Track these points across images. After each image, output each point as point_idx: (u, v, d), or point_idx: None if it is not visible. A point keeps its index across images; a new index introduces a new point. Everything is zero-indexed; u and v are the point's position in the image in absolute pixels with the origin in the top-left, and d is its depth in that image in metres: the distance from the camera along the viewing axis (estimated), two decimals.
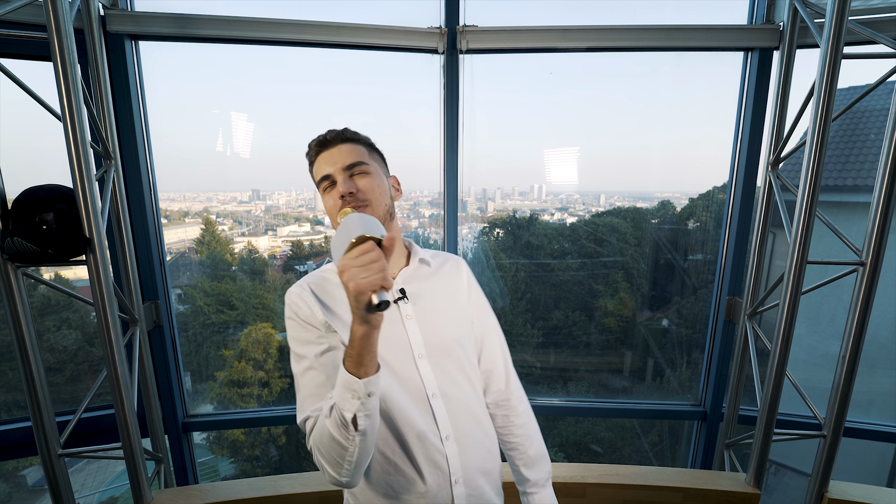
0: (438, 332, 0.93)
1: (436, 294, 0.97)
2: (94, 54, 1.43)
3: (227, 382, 2.69)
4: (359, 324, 0.68)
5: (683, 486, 1.63)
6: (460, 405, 0.93)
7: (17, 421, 1.77)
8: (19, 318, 1.26)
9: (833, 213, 2.61)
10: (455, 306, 1.00)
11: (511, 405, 1.06)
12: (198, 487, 1.62)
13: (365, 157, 0.91)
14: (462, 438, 0.91)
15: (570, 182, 2.46)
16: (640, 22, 1.67)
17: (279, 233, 2.84)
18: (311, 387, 0.82)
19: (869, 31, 1.39)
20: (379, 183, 0.91)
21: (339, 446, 0.73)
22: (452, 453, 0.89)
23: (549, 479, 1.07)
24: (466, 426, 0.93)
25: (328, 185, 0.89)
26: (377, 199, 0.89)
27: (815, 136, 1.32)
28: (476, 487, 0.93)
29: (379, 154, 0.98)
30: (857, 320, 1.43)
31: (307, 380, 0.83)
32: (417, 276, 0.97)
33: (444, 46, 1.69)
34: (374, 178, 0.90)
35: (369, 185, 0.89)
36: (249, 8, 1.61)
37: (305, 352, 0.84)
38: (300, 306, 0.87)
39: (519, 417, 1.06)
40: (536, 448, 1.07)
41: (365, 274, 0.65)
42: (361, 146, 0.93)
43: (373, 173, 0.90)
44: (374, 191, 0.89)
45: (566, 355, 2.78)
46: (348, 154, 0.89)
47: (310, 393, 0.82)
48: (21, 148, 1.59)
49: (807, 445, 1.62)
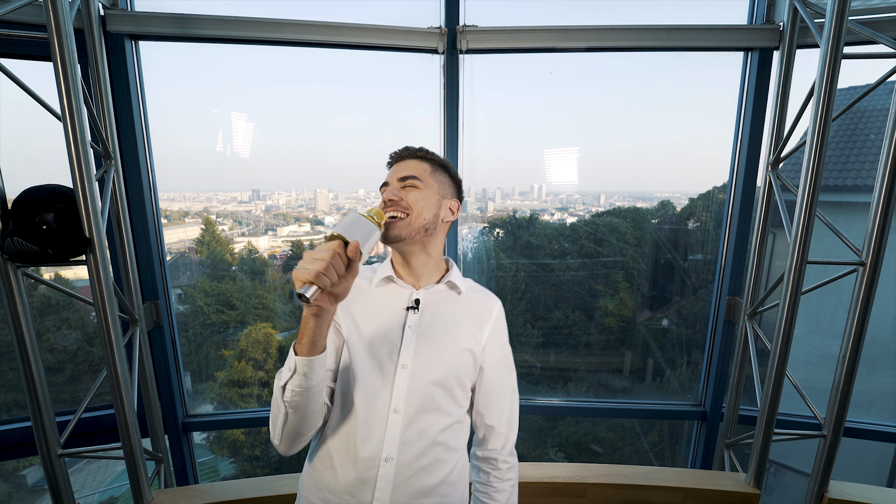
0: (433, 354, 0.90)
1: (450, 319, 0.94)
2: (94, 54, 1.43)
3: (227, 382, 2.69)
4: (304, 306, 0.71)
5: (683, 486, 1.63)
6: (420, 433, 0.87)
7: (17, 421, 1.76)
8: (19, 318, 1.26)
9: (833, 213, 2.61)
10: (463, 340, 0.94)
11: (499, 468, 0.99)
12: (198, 487, 1.62)
13: (425, 173, 0.95)
14: (404, 468, 0.86)
15: (570, 182, 2.46)
16: (640, 22, 1.67)
17: (279, 233, 2.84)
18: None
19: (869, 31, 1.39)
20: (426, 197, 0.93)
21: (276, 407, 0.79)
22: (385, 477, 0.85)
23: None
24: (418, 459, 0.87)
25: (384, 191, 0.94)
26: (417, 213, 0.91)
27: (815, 136, 1.32)
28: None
29: (450, 177, 1.00)
30: (857, 320, 1.43)
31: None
32: (441, 297, 0.98)
33: (444, 46, 1.69)
34: (424, 192, 0.93)
35: (413, 199, 0.92)
36: (249, 8, 1.61)
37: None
38: None
39: (502, 483, 0.99)
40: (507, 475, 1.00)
41: (305, 265, 0.67)
42: (427, 163, 0.96)
43: (423, 189, 0.93)
44: (417, 203, 0.91)
45: (566, 355, 2.78)
46: (409, 168, 0.94)
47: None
48: (21, 148, 1.59)
49: (807, 445, 1.62)
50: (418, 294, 0.96)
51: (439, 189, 0.96)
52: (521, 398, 2.19)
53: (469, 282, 1.05)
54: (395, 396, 0.87)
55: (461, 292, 0.99)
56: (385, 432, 0.85)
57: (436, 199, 0.95)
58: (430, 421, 0.88)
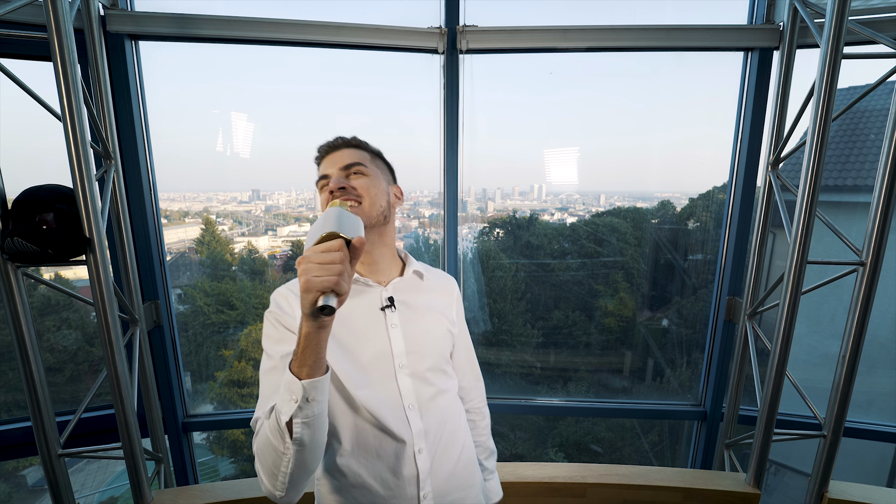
0: (422, 344, 0.93)
1: (425, 307, 0.98)
2: (94, 54, 1.43)
3: (227, 382, 2.69)
4: (305, 320, 0.64)
5: (683, 486, 1.63)
6: (438, 418, 0.92)
7: (17, 421, 1.76)
8: (19, 318, 1.26)
9: (833, 213, 2.61)
10: (442, 322, 1.01)
11: (479, 411, 1.18)
12: (198, 487, 1.62)
13: (366, 161, 0.93)
14: (437, 453, 0.90)
15: (570, 182, 2.46)
16: (640, 22, 1.67)
17: (279, 233, 2.84)
18: (270, 387, 0.79)
19: (869, 31, 1.39)
20: (375, 184, 0.91)
21: (275, 452, 0.68)
22: (424, 467, 0.88)
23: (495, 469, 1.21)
24: (443, 440, 0.92)
25: (325, 184, 0.90)
26: (372, 200, 0.89)
27: (815, 136, 1.32)
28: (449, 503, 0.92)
29: (386, 164, 1.00)
30: (857, 320, 1.43)
31: (268, 380, 0.81)
32: (409, 287, 0.98)
33: (444, 46, 1.69)
34: (372, 179, 0.91)
35: (364, 185, 0.90)
36: (249, 8, 1.61)
37: (274, 351, 0.83)
38: (283, 308, 0.87)
39: (483, 420, 1.19)
40: (492, 443, 1.21)
41: (319, 272, 0.61)
42: (366, 152, 0.95)
43: (371, 176, 0.92)
44: (369, 190, 0.89)
45: (566, 355, 2.78)
46: (349, 156, 0.92)
47: (267, 394, 0.79)
48: (21, 148, 1.59)
49: (807, 445, 1.62)
50: (388, 291, 0.94)
51: (383, 175, 0.97)
52: (521, 398, 2.20)
53: (422, 265, 1.07)
54: (405, 395, 0.89)
55: (423, 277, 1.02)
56: (410, 429, 0.88)
57: (383, 185, 0.94)
58: (438, 403, 0.94)
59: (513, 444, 3.22)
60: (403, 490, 0.87)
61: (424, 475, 0.88)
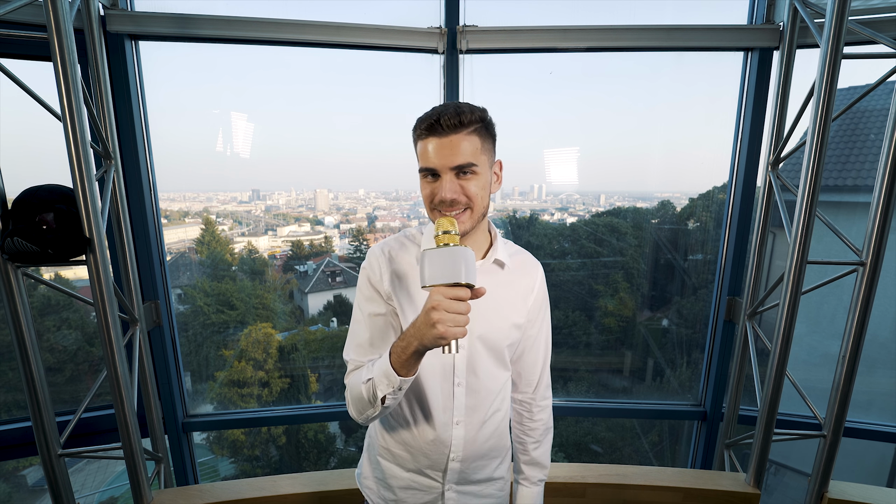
0: (485, 333, 0.95)
1: (498, 299, 0.95)
2: (94, 54, 1.43)
3: (227, 382, 2.69)
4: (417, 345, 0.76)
5: (683, 486, 1.63)
6: (481, 397, 0.98)
7: (17, 421, 1.76)
8: (19, 318, 1.26)
9: (833, 213, 2.61)
10: (511, 317, 0.99)
11: (532, 409, 1.11)
12: (198, 487, 1.62)
13: (478, 152, 0.84)
14: (472, 427, 0.98)
15: (570, 182, 2.46)
16: (640, 22, 1.67)
17: (279, 233, 2.84)
18: (357, 337, 0.95)
19: (869, 31, 1.39)
20: (485, 184, 0.87)
21: (366, 405, 0.86)
22: (458, 436, 0.96)
23: (541, 481, 1.13)
24: (479, 417, 0.98)
25: (432, 178, 0.85)
26: (478, 204, 0.86)
27: (815, 136, 1.32)
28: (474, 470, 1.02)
29: (490, 134, 0.89)
30: (857, 320, 1.43)
31: (357, 328, 0.95)
32: (487, 275, 0.96)
33: (444, 46, 1.69)
34: (482, 178, 0.85)
35: (475, 190, 0.84)
36: (249, 8, 1.61)
37: (363, 306, 0.94)
38: (373, 268, 0.94)
39: (534, 422, 1.11)
40: (541, 453, 1.12)
41: (453, 323, 0.71)
42: (475, 135, 0.84)
43: (481, 174, 0.85)
44: (479, 194, 0.85)
45: (566, 355, 2.78)
46: (462, 151, 0.82)
47: (355, 343, 0.95)
48: (21, 148, 1.59)
49: (807, 445, 1.62)
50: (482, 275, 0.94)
51: (489, 159, 0.88)
52: None
53: (510, 246, 1.04)
54: (458, 373, 0.95)
55: (504, 265, 0.98)
56: (453, 402, 0.96)
57: (489, 176, 0.88)
58: (486, 387, 0.98)
59: None
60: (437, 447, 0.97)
61: (458, 442, 0.97)
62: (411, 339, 0.76)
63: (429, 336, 0.73)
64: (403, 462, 1.01)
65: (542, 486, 1.14)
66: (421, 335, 0.74)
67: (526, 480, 1.13)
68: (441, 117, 0.81)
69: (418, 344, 0.75)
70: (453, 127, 0.81)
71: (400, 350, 0.79)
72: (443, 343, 0.73)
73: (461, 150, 0.82)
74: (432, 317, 0.71)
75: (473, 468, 1.01)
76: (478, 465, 1.01)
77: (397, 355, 0.79)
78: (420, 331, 0.74)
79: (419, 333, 0.74)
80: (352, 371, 0.93)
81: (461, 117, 0.81)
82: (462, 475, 1.00)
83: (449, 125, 0.81)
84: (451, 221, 0.76)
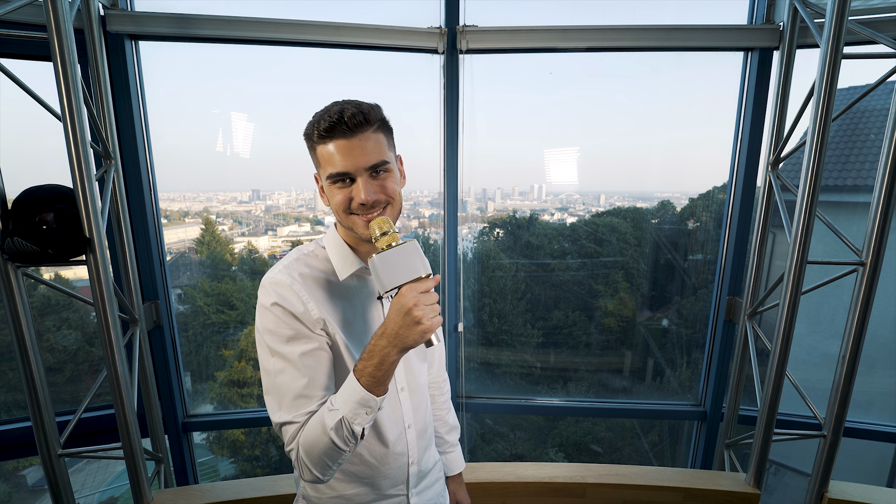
0: None
1: None
2: (94, 54, 1.43)
3: (227, 382, 2.69)
4: (397, 352, 0.72)
5: (683, 486, 1.63)
6: (419, 396, 1.01)
7: (17, 421, 1.77)
8: (19, 318, 1.26)
9: (833, 213, 2.60)
10: None
11: (441, 385, 1.21)
12: (198, 487, 1.62)
13: (386, 148, 0.81)
14: (419, 425, 1.00)
15: (570, 182, 2.46)
16: (640, 22, 1.67)
17: (279, 233, 2.84)
18: (293, 388, 0.79)
19: (869, 31, 1.39)
20: (398, 180, 0.85)
21: (337, 452, 0.75)
22: (412, 441, 0.97)
23: (459, 440, 1.27)
24: (422, 414, 1.01)
25: (342, 183, 0.79)
26: (398, 200, 0.84)
27: (815, 136, 1.32)
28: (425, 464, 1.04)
29: (390, 129, 0.86)
30: (857, 320, 1.43)
31: (286, 379, 0.79)
32: None
33: (444, 46, 1.69)
34: (394, 174, 0.83)
35: (391, 187, 0.82)
36: (249, 8, 1.61)
37: (286, 350, 0.79)
38: (289, 300, 0.79)
39: (443, 395, 1.22)
40: (453, 415, 1.26)
41: (433, 314, 0.71)
42: (380, 132, 0.81)
43: (393, 170, 0.82)
44: (397, 191, 0.83)
45: (566, 355, 2.78)
46: (372, 150, 0.78)
47: (292, 395, 0.79)
48: (21, 148, 1.59)
49: (807, 445, 1.62)
50: None
51: (393, 153, 0.86)
52: (521, 398, 2.20)
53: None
54: (398, 379, 0.96)
55: None
56: (401, 409, 0.96)
57: (398, 173, 0.86)
58: (420, 383, 1.01)
59: (513, 444, 3.22)
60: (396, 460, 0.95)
61: (413, 448, 0.98)
62: (388, 349, 0.72)
63: (413, 336, 0.70)
64: (362, 497, 0.94)
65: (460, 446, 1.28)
66: (402, 339, 0.71)
67: (452, 447, 1.23)
68: (343, 115, 0.75)
69: (399, 349, 0.72)
70: (359, 125, 0.76)
71: (373, 368, 0.72)
72: (427, 337, 0.71)
73: (372, 148, 0.78)
74: (415, 314, 0.69)
75: (425, 462, 1.03)
76: (427, 457, 1.05)
77: (370, 376, 0.72)
78: (400, 335, 0.71)
79: (399, 338, 0.71)
80: (299, 431, 0.78)
81: (366, 115, 0.77)
82: (420, 476, 1.02)
83: (354, 123, 0.75)
84: (384, 220, 0.75)
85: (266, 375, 0.81)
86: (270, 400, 0.81)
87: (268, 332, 0.80)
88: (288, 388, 0.79)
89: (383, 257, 0.72)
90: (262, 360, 0.81)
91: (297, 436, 0.78)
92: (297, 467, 0.79)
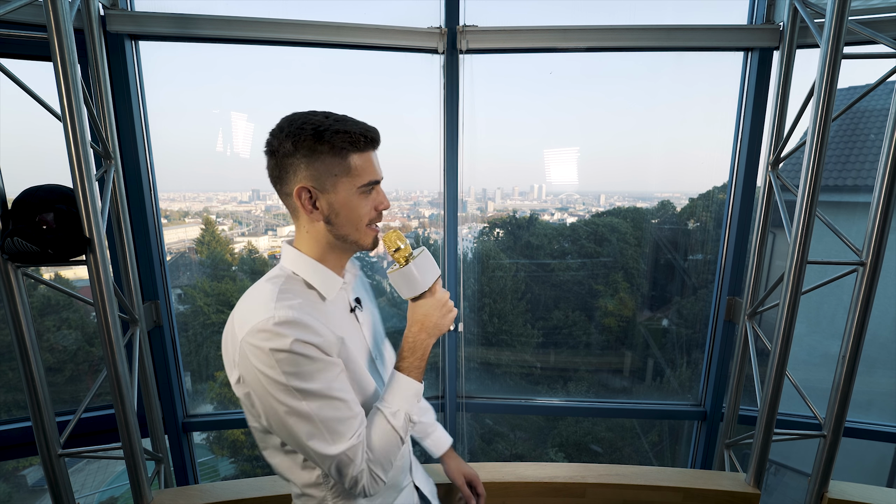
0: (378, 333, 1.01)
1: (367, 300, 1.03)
2: (94, 54, 1.43)
3: (227, 382, 2.69)
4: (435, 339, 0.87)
5: (683, 486, 1.63)
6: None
7: (17, 421, 1.76)
8: (19, 318, 1.26)
9: (833, 213, 2.61)
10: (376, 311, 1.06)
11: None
12: (198, 487, 1.62)
13: None
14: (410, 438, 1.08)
15: (570, 182, 2.46)
16: (640, 22, 1.67)
17: (279, 233, 2.84)
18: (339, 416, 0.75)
19: (869, 31, 1.39)
20: None
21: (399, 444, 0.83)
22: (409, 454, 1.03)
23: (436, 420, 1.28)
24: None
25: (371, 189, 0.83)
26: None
27: (815, 136, 1.32)
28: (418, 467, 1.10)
29: None
30: (857, 320, 1.43)
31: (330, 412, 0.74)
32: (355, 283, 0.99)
33: (444, 46, 1.69)
34: None
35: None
36: (249, 8, 1.61)
37: (319, 386, 0.73)
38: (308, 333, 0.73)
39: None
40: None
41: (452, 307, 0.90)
42: None
43: None
44: None
45: (566, 355, 2.78)
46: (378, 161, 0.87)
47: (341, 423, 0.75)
48: (21, 148, 1.59)
49: (807, 445, 1.62)
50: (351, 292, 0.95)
51: None
52: (521, 398, 2.20)
53: None
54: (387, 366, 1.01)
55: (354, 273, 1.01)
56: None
57: None
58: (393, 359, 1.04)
59: (513, 444, 3.22)
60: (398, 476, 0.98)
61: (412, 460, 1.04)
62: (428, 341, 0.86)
63: (447, 322, 0.88)
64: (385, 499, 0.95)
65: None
66: (440, 328, 0.87)
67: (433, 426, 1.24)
68: (368, 132, 0.81)
69: (436, 336, 0.87)
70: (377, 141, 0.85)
71: (419, 360, 0.85)
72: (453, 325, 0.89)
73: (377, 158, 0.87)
74: (449, 304, 0.88)
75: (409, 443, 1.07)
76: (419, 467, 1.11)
77: (416, 368, 0.85)
78: (439, 325, 0.87)
79: (438, 328, 0.87)
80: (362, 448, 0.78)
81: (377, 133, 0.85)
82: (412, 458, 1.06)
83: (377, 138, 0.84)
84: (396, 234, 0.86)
85: (302, 422, 0.73)
86: (318, 443, 0.74)
87: (288, 377, 0.71)
88: (335, 418, 0.75)
89: (418, 265, 0.84)
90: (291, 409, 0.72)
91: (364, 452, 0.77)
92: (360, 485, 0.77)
